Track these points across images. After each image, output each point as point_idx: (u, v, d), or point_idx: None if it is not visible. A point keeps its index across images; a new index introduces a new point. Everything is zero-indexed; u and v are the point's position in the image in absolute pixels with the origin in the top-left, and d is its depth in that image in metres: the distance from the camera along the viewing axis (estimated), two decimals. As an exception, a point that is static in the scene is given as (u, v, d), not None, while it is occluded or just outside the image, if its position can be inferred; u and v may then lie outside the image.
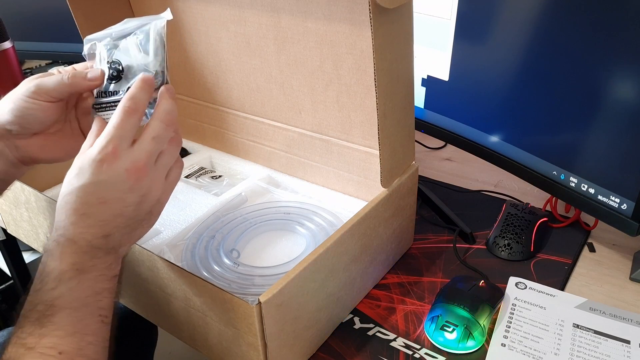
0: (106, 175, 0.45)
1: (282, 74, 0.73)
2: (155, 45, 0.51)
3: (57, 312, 0.43)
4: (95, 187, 0.45)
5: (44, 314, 0.43)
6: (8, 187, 0.60)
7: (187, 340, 0.62)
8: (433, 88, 0.83)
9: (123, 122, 0.46)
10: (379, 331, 0.63)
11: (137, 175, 0.46)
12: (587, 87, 0.63)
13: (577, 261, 0.74)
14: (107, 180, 0.45)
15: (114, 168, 0.45)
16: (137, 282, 0.62)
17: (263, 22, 0.70)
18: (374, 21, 0.52)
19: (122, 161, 0.45)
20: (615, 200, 0.64)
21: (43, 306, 0.43)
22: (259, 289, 0.61)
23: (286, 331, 0.54)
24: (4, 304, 1.15)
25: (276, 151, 0.82)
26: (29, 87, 0.51)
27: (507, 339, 0.60)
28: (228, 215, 0.75)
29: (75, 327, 0.44)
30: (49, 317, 0.43)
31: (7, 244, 1.07)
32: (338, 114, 0.70)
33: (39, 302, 0.44)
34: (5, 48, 0.94)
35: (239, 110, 0.84)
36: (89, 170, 0.45)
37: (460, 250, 0.76)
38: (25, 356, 0.42)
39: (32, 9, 1.29)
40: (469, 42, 0.76)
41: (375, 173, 0.68)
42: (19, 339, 0.43)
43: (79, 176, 0.45)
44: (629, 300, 0.67)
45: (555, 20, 0.65)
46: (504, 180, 0.93)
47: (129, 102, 0.47)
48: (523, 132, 0.73)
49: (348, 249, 0.60)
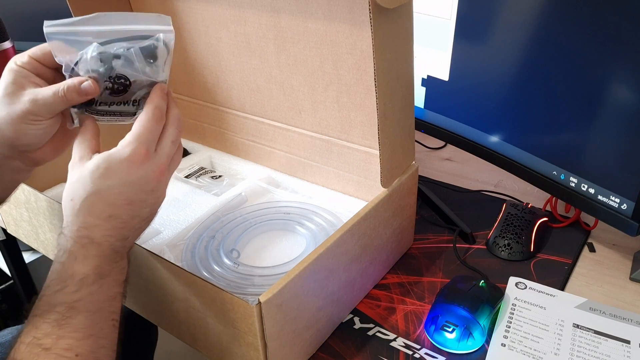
0: (136, 176, 0.46)
1: (282, 74, 0.73)
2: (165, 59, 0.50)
3: (76, 315, 0.44)
4: (125, 188, 0.46)
5: (63, 315, 0.44)
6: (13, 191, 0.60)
7: (187, 340, 0.62)
8: (433, 88, 0.83)
9: (153, 127, 0.47)
10: (379, 331, 0.63)
11: (160, 177, 0.48)
12: (587, 87, 0.63)
13: (577, 261, 0.74)
14: (136, 181, 0.46)
15: (144, 169, 0.46)
16: (137, 282, 0.62)
17: (263, 22, 0.70)
18: (374, 21, 0.52)
19: (151, 163, 0.47)
20: (615, 200, 0.64)
21: (63, 308, 0.44)
22: (258, 289, 0.61)
23: (286, 331, 0.54)
24: (4, 304, 1.15)
25: (276, 151, 0.82)
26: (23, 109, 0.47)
27: (507, 339, 0.60)
28: (228, 215, 0.75)
29: (92, 331, 0.45)
30: (68, 320, 0.44)
31: (7, 244, 1.07)
32: (338, 114, 0.70)
33: (58, 304, 0.44)
34: (5, 48, 0.94)
35: (239, 110, 0.84)
36: (119, 171, 0.45)
37: (460, 250, 0.76)
38: (41, 356, 0.42)
39: (32, 9, 1.29)
40: (469, 42, 0.76)
41: (375, 173, 0.68)
42: (35, 339, 0.43)
43: (106, 177, 0.45)
44: (629, 300, 0.67)
45: (555, 20, 0.65)
46: (504, 180, 0.93)
47: (157, 111, 0.48)
48: (523, 132, 0.73)
49: (348, 249, 0.60)
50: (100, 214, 0.46)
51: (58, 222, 0.69)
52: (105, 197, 0.46)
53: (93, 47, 0.48)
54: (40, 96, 0.47)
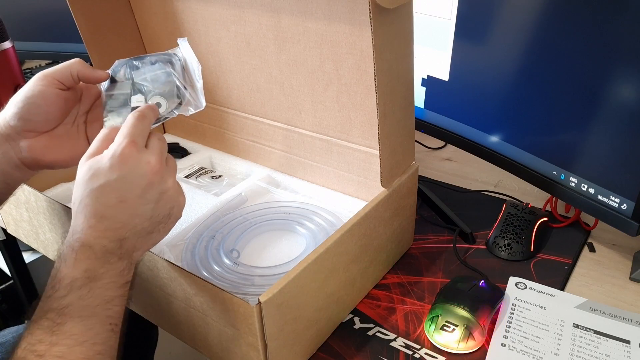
0: (125, 170, 0.45)
1: (282, 74, 0.73)
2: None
3: (67, 321, 0.43)
4: (116, 185, 0.45)
5: (54, 321, 0.43)
6: (12, 193, 0.60)
7: (187, 340, 0.62)
8: (433, 88, 0.83)
9: (136, 123, 0.48)
10: (379, 331, 0.63)
11: (154, 169, 0.46)
12: (587, 87, 0.63)
13: (577, 261, 0.74)
14: (127, 175, 0.45)
15: (134, 163, 0.45)
16: (137, 282, 0.62)
17: (263, 22, 0.70)
18: (374, 21, 0.52)
19: (141, 156, 0.46)
20: (615, 200, 0.64)
21: (53, 314, 0.43)
22: (259, 289, 0.61)
23: (286, 331, 0.54)
24: (4, 304, 1.15)
25: (276, 151, 0.82)
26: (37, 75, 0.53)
27: (507, 339, 0.60)
28: (228, 215, 0.75)
29: (85, 336, 0.43)
30: (59, 326, 0.43)
31: (7, 244, 1.07)
32: (338, 114, 0.70)
33: (49, 310, 0.43)
34: (5, 48, 0.94)
35: (239, 110, 0.84)
36: (107, 169, 0.45)
37: (460, 250, 0.76)
38: None
39: (32, 9, 1.29)
40: (469, 42, 0.76)
41: (375, 173, 0.68)
42: (29, 345, 0.42)
43: (96, 177, 0.45)
44: (629, 300, 0.67)
45: (555, 20, 0.65)
46: (504, 180, 0.93)
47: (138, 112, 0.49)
48: (523, 132, 0.73)
49: (348, 249, 0.60)
50: (93, 215, 0.45)
51: (58, 222, 0.69)
52: (97, 197, 0.45)
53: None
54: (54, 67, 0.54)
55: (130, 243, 0.47)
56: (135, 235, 0.47)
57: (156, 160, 0.47)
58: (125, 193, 0.45)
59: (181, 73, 0.56)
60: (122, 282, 0.47)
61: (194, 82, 0.57)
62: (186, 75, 0.57)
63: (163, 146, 0.49)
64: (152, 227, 0.48)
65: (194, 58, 0.57)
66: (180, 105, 0.56)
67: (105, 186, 0.45)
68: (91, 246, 0.45)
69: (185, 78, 0.57)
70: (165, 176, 0.47)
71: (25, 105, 0.53)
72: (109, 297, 0.45)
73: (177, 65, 0.56)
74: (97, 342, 0.44)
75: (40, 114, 0.54)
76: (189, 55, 0.57)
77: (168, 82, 0.55)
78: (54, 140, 0.56)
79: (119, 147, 0.45)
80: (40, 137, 0.55)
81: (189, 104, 0.56)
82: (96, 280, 0.45)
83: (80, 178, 0.46)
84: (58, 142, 0.56)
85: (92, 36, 0.81)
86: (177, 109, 0.56)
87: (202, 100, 0.57)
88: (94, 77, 0.55)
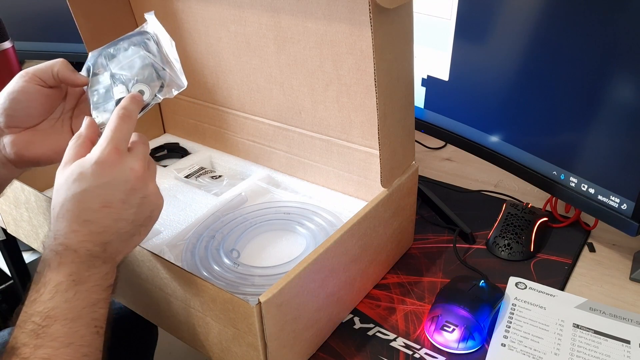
0: (110, 177, 0.45)
1: (282, 74, 0.73)
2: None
3: (52, 324, 0.43)
4: (99, 190, 0.45)
5: (39, 325, 0.43)
6: (1, 192, 0.60)
7: (187, 340, 0.62)
8: (433, 88, 0.83)
9: (120, 126, 0.47)
10: (379, 331, 0.63)
11: (137, 174, 0.47)
12: (587, 87, 0.63)
13: (577, 261, 0.74)
14: (111, 181, 0.45)
15: (118, 168, 0.46)
16: (137, 282, 0.62)
17: (263, 22, 0.70)
18: (374, 21, 0.52)
19: (126, 161, 0.46)
20: (615, 200, 0.64)
21: (38, 317, 0.43)
22: (259, 289, 0.61)
23: (286, 331, 0.54)
24: (4, 304, 1.15)
25: (276, 151, 0.82)
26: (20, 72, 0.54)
27: (507, 339, 0.60)
28: (228, 215, 0.75)
29: (71, 339, 0.44)
30: (44, 329, 0.43)
31: (7, 244, 1.07)
32: (338, 114, 0.70)
33: (34, 313, 0.43)
34: (5, 48, 0.94)
35: (239, 110, 0.84)
36: (92, 174, 0.45)
37: (460, 250, 0.76)
38: None
39: (32, 9, 1.29)
40: (469, 42, 0.76)
41: (375, 173, 0.68)
42: (14, 349, 0.42)
43: (79, 181, 0.45)
44: (629, 300, 0.67)
45: (555, 20, 0.65)
46: (504, 180, 0.93)
47: (122, 110, 0.49)
48: (523, 132, 0.73)
49: (348, 249, 0.60)
50: (76, 220, 0.45)
51: (58, 222, 0.69)
52: (80, 202, 0.45)
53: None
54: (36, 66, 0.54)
55: (114, 247, 0.47)
56: (119, 238, 0.47)
57: (139, 166, 0.47)
58: (108, 198, 0.46)
59: (157, 53, 0.55)
60: (106, 285, 0.47)
61: (171, 62, 0.55)
62: (162, 55, 0.55)
63: (146, 150, 0.49)
64: (134, 230, 0.48)
65: (165, 34, 0.55)
66: (162, 88, 0.55)
67: (88, 191, 0.45)
68: (75, 250, 0.45)
69: (162, 58, 0.55)
70: (147, 181, 0.48)
71: (7, 101, 0.53)
72: (94, 300, 0.46)
73: (152, 45, 0.55)
74: (83, 344, 0.44)
75: (22, 110, 0.54)
76: (159, 31, 0.56)
77: (145, 66, 0.54)
78: (38, 136, 0.56)
79: (102, 154, 0.46)
80: (23, 133, 0.55)
81: (171, 85, 0.55)
82: (81, 283, 0.45)
83: (60, 182, 0.46)
84: (42, 137, 0.56)
85: (92, 36, 0.81)
86: (160, 92, 0.55)
87: (183, 80, 0.55)
88: (73, 80, 0.55)
